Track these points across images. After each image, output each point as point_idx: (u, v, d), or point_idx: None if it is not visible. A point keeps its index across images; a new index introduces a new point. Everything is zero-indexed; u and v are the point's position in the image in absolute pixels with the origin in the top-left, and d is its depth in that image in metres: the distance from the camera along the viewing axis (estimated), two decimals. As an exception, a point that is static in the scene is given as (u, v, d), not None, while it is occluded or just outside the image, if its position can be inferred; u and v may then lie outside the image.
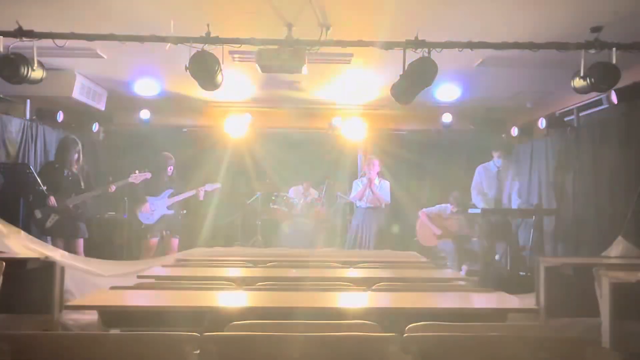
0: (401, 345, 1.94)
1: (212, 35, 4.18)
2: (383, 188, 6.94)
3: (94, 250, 6.10)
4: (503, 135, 8.07)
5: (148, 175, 6.18)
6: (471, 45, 4.27)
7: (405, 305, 2.82)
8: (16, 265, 3.69)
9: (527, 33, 4.32)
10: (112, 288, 3.07)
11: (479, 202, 6.70)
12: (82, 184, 5.85)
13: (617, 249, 4.71)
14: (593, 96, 5.72)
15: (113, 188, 5.94)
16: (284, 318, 2.25)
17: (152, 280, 3.54)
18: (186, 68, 4.24)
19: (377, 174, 7.11)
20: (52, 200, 5.59)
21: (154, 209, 6.29)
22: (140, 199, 6.30)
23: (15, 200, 5.94)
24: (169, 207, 6.36)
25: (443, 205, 7.41)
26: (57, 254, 4.59)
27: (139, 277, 3.63)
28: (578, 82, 4.49)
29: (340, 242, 7.65)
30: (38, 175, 5.67)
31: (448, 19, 4.37)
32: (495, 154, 6.81)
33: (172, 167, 6.52)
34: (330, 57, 5.39)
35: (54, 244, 5.50)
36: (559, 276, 4.14)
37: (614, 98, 5.34)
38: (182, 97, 7.34)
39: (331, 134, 8.37)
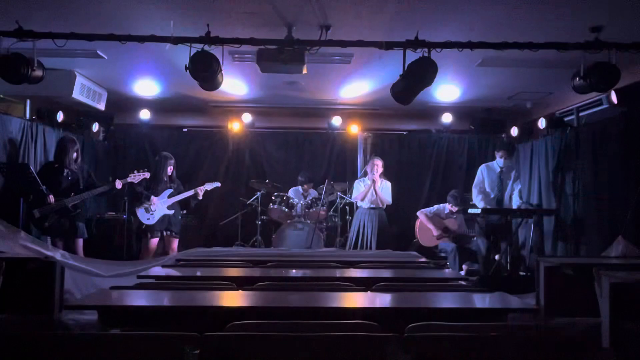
0: (401, 345, 1.94)
1: (212, 35, 4.18)
2: (385, 189, 6.93)
3: (94, 250, 6.08)
4: (503, 136, 8.08)
5: (147, 174, 6.17)
6: (471, 45, 4.28)
7: (405, 305, 2.82)
8: (16, 265, 3.68)
9: (527, 33, 4.33)
10: (112, 288, 3.07)
11: (479, 201, 6.68)
12: (82, 183, 5.84)
13: (617, 249, 4.71)
14: (593, 96, 5.72)
15: (119, 184, 5.93)
16: (283, 318, 2.24)
17: (152, 280, 3.53)
18: (186, 68, 4.25)
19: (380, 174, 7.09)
20: (52, 199, 5.57)
21: (155, 209, 6.28)
22: (144, 196, 6.28)
23: (15, 200, 5.93)
24: (169, 207, 6.35)
25: (441, 205, 7.42)
26: (57, 254, 4.58)
27: (139, 277, 3.63)
28: (578, 82, 4.49)
29: (340, 242, 7.64)
30: (37, 175, 5.66)
31: (448, 19, 4.37)
32: (498, 154, 6.80)
33: (172, 167, 6.51)
34: (330, 57, 5.39)
35: (53, 244, 5.49)
36: (559, 276, 4.13)
37: (614, 98, 5.34)
38: (182, 97, 7.35)
39: (331, 134, 8.39)
